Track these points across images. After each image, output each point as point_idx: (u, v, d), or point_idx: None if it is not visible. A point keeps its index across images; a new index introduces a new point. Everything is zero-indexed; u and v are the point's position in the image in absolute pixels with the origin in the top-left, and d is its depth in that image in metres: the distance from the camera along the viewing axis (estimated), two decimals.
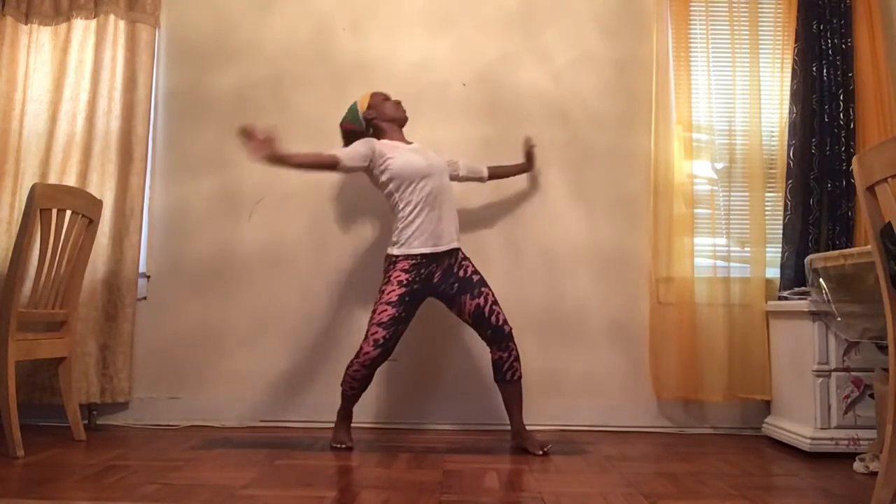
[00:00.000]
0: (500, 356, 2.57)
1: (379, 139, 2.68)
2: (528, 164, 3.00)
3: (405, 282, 2.50)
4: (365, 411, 3.00)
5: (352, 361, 2.51)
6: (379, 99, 2.75)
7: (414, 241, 2.53)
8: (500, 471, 2.22)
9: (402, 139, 2.74)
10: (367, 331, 2.49)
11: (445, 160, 2.75)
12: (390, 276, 2.52)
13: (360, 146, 2.58)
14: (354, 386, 2.54)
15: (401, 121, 2.75)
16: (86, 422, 2.85)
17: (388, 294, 2.49)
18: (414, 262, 2.52)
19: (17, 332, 2.38)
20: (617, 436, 2.88)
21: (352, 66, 3.18)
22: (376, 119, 2.72)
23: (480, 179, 2.92)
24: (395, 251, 2.55)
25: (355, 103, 2.76)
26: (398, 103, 2.77)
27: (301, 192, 3.13)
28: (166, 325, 3.08)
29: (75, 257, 2.64)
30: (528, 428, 2.58)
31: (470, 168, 2.88)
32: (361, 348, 2.48)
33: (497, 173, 2.96)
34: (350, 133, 2.75)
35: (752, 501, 1.88)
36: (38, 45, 3.09)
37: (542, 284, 3.08)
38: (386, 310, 2.47)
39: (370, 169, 2.62)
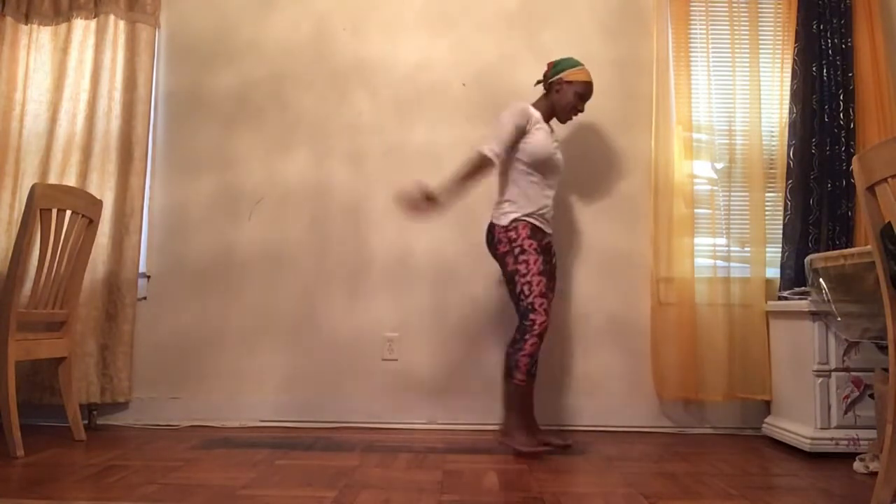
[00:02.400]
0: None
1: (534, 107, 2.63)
2: None
3: (537, 248, 2.49)
4: (365, 411, 3.00)
5: (522, 339, 2.42)
6: (583, 88, 2.63)
7: (534, 211, 2.55)
8: (500, 471, 2.21)
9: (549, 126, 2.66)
10: (532, 303, 2.42)
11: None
12: (522, 244, 2.48)
13: (508, 119, 2.52)
14: (533, 365, 2.47)
15: (564, 117, 2.68)
16: (86, 422, 2.85)
17: (533, 263, 2.45)
18: (532, 227, 2.53)
19: (17, 332, 2.38)
20: (617, 436, 2.88)
21: (352, 66, 3.18)
22: (558, 95, 2.62)
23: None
24: (517, 214, 2.52)
25: (574, 62, 2.63)
26: (580, 108, 2.68)
27: (301, 192, 3.13)
28: (166, 325, 3.08)
29: (75, 257, 2.64)
30: None
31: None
32: (534, 321, 2.42)
33: None
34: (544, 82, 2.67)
35: (752, 501, 1.88)
36: (38, 45, 3.09)
37: None
38: (541, 280, 2.44)
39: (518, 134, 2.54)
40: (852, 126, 2.94)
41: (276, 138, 3.16)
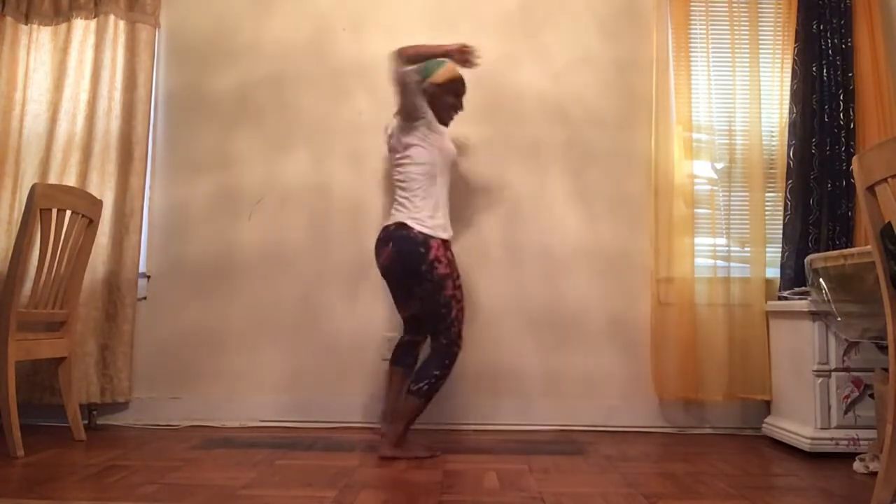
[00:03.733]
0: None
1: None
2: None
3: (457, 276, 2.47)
4: (365, 412, 3.00)
5: (447, 366, 2.41)
6: (458, 84, 2.61)
7: (445, 228, 2.50)
8: (500, 471, 2.21)
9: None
10: (460, 330, 2.43)
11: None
12: (456, 269, 2.46)
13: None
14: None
15: (448, 119, 2.65)
16: (86, 422, 2.85)
17: (461, 290, 2.45)
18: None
19: (17, 332, 2.38)
20: (617, 436, 2.88)
21: (352, 66, 3.18)
22: (436, 99, 2.55)
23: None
24: (442, 235, 2.47)
25: (442, 62, 2.56)
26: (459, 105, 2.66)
27: (301, 192, 3.13)
28: (166, 325, 3.07)
29: (75, 257, 2.64)
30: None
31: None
32: (460, 347, 2.43)
33: None
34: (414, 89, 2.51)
35: (752, 501, 1.88)
36: (38, 45, 3.09)
37: (543, 284, 3.08)
38: (463, 308, 2.45)
39: (415, 129, 2.48)
40: (852, 126, 2.94)
41: (276, 138, 3.16)
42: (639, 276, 3.06)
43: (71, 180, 2.97)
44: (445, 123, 2.63)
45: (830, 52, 2.98)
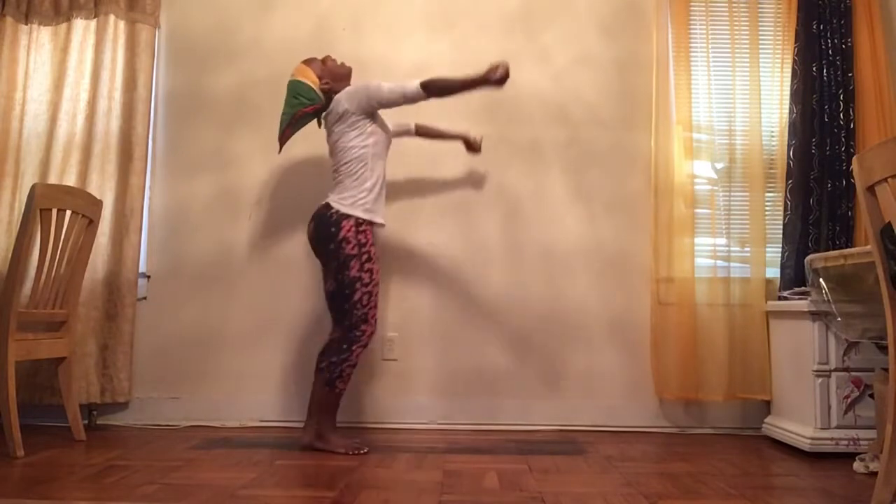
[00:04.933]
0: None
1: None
2: (468, 146, 2.97)
3: (375, 256, 2.47)
4: (365, 411, 3.00)
5: (349, 350, 2.41)
6: (323, 64, 2.61)
7: (377, 210, 2.51)
8: (500, 471, 2.21)
9: None
10: (366, 314, 2.42)
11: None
12: (370, 251, 2.44)
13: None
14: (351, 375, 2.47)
15: (349, 76, 2.64)
16: (86, 422, 2.85)
17: (377, 273, 2.45)
18: (372, 231, 2.50)
19: (17, 332, 2.38)
20: (617, 436, 2.88)
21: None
22: (332, 85, 2.58)
23: (409, 133, 2.92)
24: (362, 214, 2.46)
25: (300, 81, 2.57)
26: (335, 59, 2.65)
27: (301, 192, 3.12)
28: (166, 325, 3.08)
29: (75, 257, 2.64)
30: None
31: (398, 124, 2.86)
32: (364, 331, 2.42)
33: (427, 132, 2.94)
34: (312, 115, 2.62)
35: (752, 501, 1.88)
36: (38, 45, 3.09)
37: (543, 284, 3.08)
38: (377, 291, 2.45)
39: (347, 119, 2.48)
40: (852, 126, 2.94)
41: (275, 138, 3.15)
42: (639, 275, 3.06)
43: (71, 180, 2.97)
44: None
45: (830, 52, 2.98)
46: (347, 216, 2.44)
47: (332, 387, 2.43)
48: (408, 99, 2.47)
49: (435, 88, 2.47)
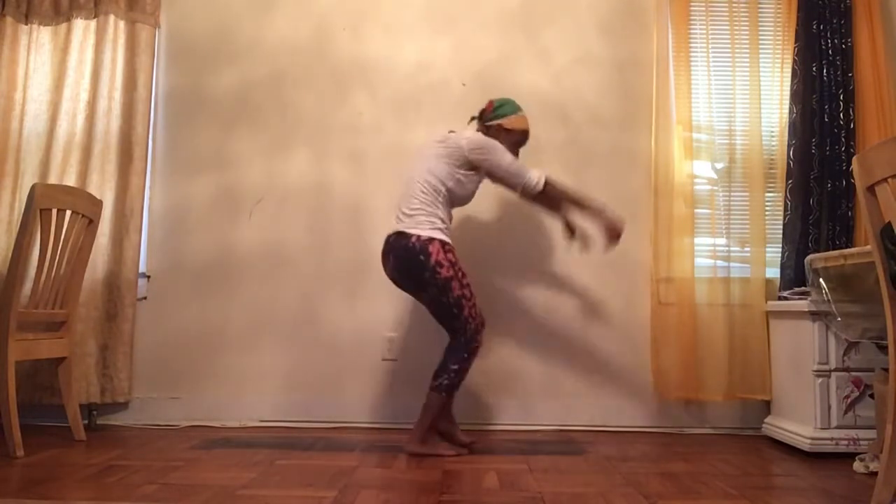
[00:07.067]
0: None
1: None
2: (567, 232, 2.82)
3: (465, 269, 2.48)
4: (365, 411, 3.00)
5: (468, 359, 2.43)
6: (520, 137, 2.66)
7: (444, 231, 2.50)
8: (500, 471, 2.21)
9: None
10: (478, 324, 2.44)
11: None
12: (461, 267, 2.44)
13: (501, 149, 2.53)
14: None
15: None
16: (86, 422, 2.85)
17: (470, 286, 2.45)
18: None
19: (17, 332, 2.38)
20: (617, 436, 2.88)
21: (352, 66, 3.18)
22: (494, 137, 2.59)
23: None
24: (440, 236, 2.45)
25: (516, 108, 2.65)
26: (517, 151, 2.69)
27: (301, 192, 3.13)
28: (166, 325, 3.07)
29: (75, 257, 2.64)
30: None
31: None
32: (480, 341, 2.45)
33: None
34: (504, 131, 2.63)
35: (752, 501, 1.88)
36: (38, 45, 3.09)
37: (543, 284, 3.08)
38: (475, 304, 2.46)
39: (460, 159, 2.51)
40: (852, 126, 2.94)
41: (276, 138, 3.16)
42: (639, 275, 3.06)
43: (71, 180, 2.97)
44: None
45: (830, 52, 2.97)
46: (430, 240, 2.42)
47: (448, 395, 2.46)
48: (523, 189, 2.53)
49: (551, 191, 2.54)
